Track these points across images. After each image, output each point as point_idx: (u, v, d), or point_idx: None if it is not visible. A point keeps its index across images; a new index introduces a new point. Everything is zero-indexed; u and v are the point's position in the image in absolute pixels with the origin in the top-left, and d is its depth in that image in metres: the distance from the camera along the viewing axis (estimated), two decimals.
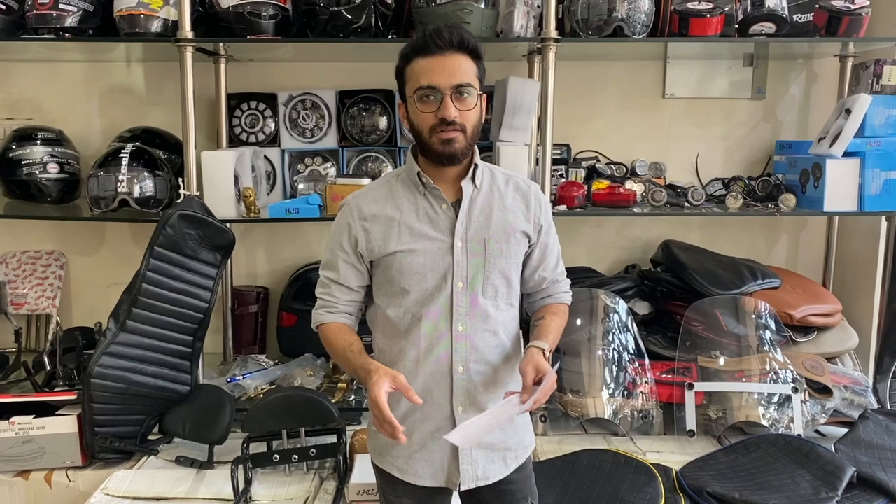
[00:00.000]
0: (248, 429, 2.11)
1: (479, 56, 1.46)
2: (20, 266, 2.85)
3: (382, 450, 1.56)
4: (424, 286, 1.48)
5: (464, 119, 1.43)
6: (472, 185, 1.52)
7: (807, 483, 1.96)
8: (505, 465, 1.55)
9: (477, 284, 1.49)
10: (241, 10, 2.30)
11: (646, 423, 2.34)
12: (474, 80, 1.44)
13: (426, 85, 1.42)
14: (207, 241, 2.26)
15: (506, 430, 1.55)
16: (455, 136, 1.43)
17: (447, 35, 1.41)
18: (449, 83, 1.41)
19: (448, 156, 1.45)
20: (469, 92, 1.43)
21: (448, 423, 1.50)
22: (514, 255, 1.53)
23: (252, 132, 2.79)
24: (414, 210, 1.50)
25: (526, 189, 1.58)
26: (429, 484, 1.52)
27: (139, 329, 2.16)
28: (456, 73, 1.42)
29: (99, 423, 2.11)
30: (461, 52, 1.43)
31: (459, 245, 1.48)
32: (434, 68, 1.42)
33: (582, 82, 2.81)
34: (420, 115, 1.44)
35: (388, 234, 1.49)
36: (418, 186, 1.51)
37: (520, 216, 1.55)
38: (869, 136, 2.48)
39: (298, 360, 2.66)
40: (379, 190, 1.55)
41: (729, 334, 2.41)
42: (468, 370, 1.50)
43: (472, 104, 1.44)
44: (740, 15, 2.43)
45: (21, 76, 2.83)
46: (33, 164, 2.56)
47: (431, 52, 1.42)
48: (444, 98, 1.41)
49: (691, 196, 2.58)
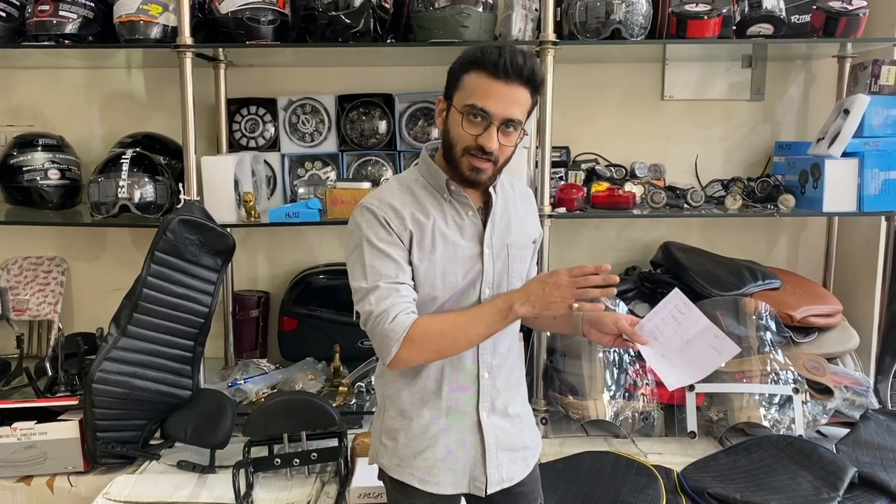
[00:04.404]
0: (250, 433, 2.11)
1: (538, 90, 1.40)
2: (22, 272, 2.85)
3: (402, 461, 1.51)
4: (454, 293, 1.44)
5: (500, 153, 1.40)
6: (493, 192, 1.50)
7: (808, 484, 1.96)
8: (526, 464, 1.56)
9: (502, 290, 1.48)
10: (240, 15, 2.31)
11: (647, 424, 2.34)
12: (524, 117, 1.40)
13: (480, 107, 1.35)
14: (208, 246, 2.27)
15: (524, 430, 1.56)
16: (487, 167, 1.40)
17: (521, 63, 1.34)
18: (502, 115, 1.36)
19: (473, 182, 1.42)
20: (516, 127, 1.39)
21: (474, 429, 1.49)
22: (527, 259, 1.55)
23: (252, 137, 2.80)
24: (442, 217, 1.45)
25: (529, 194, 1.62)
26: (449, 492, 1.50)
27: (140, 334, 2.16)
28: (512, 105, 1.36)
29: (101, 428, 2.11)
30: (526, 85, 1.37)
31: (487, 252, 1.47)
32: (493, 93, 1.35)
33: (581, 85, 2.82)
34: (461, 131, 1.39)
35: (423, 238, 1.42)
36: (443, 193, 1.46)
37: (530, 221, 1.58)
38: (867, 137, 2.48)
39: (299, 365, 2.67)
40: (403, 194, 1.46)
41: (729, 335, 2.39)
42: (493, 375, 1.50)
43: (514, 141, 1.41)
44: (738, 16, 2.44)
45: (22, 83, 2.84)
46: (34, 170, 2.57)
47: (498, 75, 1.35)
48: (491, 127, 1.36)
49: (691, 197, 2.59)
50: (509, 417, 1.54)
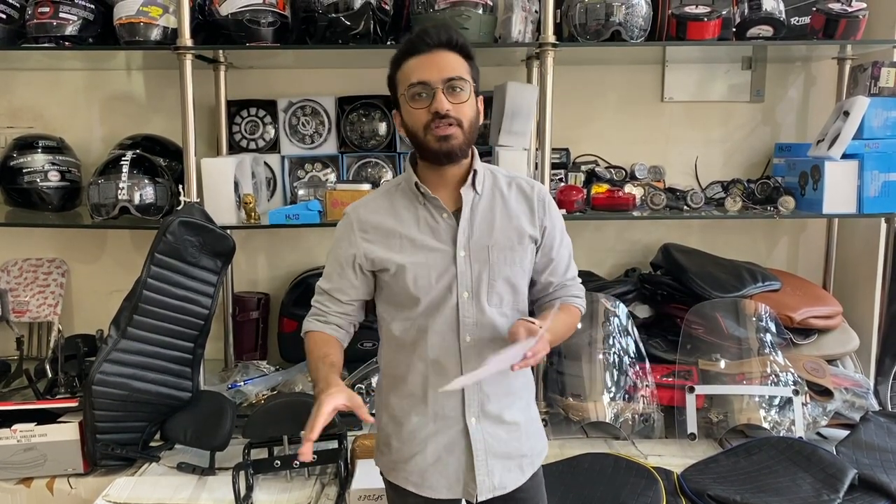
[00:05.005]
0: (250, 435, 2.11)
1: (468, 55, 1.43)
2: (21, 274, 2.85)
3: (396, 465, 1.53)
4: (429, 298, 1.45)
5: (459, 113, 1.40)
6: (472, 191, 1.48)
7: (808, 485, 1.96)
8: (522, 472, 1.53)
9: (482, 293, 1.46)
10: (240, 17, 2.31)
11: (647, 426, 2.34)
12: (466, 76, 1.41)
13: (416, 81, 1.39)
14: (208, 248, 2.27)
15: (521, 437, 1.53)
16: (452, 131, 1.39)
17: (434, 33, 1.40)
18: (440, 77, 1.38)
19: (446, 153, 1.41)
20: (461, 86, 1.40)
21: (462, 436, 1.48)
22: (519, 261, 1.49)
23: (252, 139, 2.80)
24: (414, 221, 1.47)
25: (529, 191, 1.54)
26: (445, 496, 1.49)
27: (140, 336, 2.16)
28: (446, 67, 1.39)
29: (100, 430, 2.11)
30: (450, 49, 1.41)
31: (462, 254, 1.45)
32: (424, 65, 1.39)
33: (580, 86, 2.82)
34: (413, 113, 1.41)
35: (390, 245, 1.46)
36: (418, 196, 1.48)
37: (524, 220, 1.51)
38: (867, 138, 2.48)
39: (299, 366, 2.66)
40: (379, 200, 1.52)
41: (729, 337, 2.41)
42: (479, 380, 1.46)
43: (465, 97, 1.40)
44: (738, 18, 2.44)
45: (22, 85, 2.84)
46: (34, 172, 2.57)
47: (421, 50, 1.40)
48: (437, 92, 1.38)
49: (690, 199, 2.59)
50: (504, 424, 1.51)
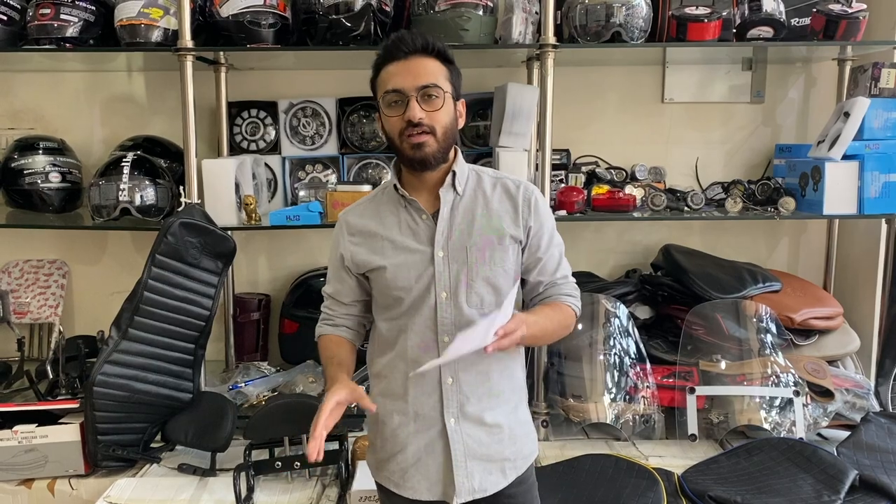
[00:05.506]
0: (250, 436, 2.11)
1: (447, 59, 1.45)
2: (22, 275, 2.86)
3: (379, 465, 1.55)
4: (410, 298, 1.47)
5: (432, 120, 1.41)
6: (452, 192, 1.49)
7: (809, 486, 1.96)
8: (504, 475, 1.51)
9: (461, 294, 1.46)
10: (240, 18, 2.31)
11: (647, 427, 2.34)
12: (442, 82, 1.42)
13: (391, 89, 1.41)
14: (209, 249, 2.27)
15: (503, 441, 1.51)
16: (425, 139, 1.41)
17: (410, 39, 1.41)
18: (413, 84, 1.39)
19: (419, 161, 1.43)
20: (436, 93, 1.41)
21: (441, 436, 1.48)
22: (500, 261, 1.47)
23: (253, 140, 2.80)
24: (396, 223, 1.50)
25: (514, 191, 1.52)
26: (426, 498, 1.49)
27: (141, 337, 2.17)
28: (420, 74, 1.40)
29: (101, 432, 2.11)
30: (426, 55, 1.42)
31: (441, 255, 1.46)
32: (399, 72, 1.41)
33: (581, 87, 2.82)
34: (389, 120, 1.43)
35: (373, 248, 1.50)
36: (399, 199, 1.51)
37: (506, 220, 1.49)
38: (868, 139, 2.49)
39: (300, 367, 2.66)
40: (366, 205, 1.57)
41: (730, 338, 2.41)
42: (458, 381, 1.47)
43: (439, 105, 1.41)
44: (738, 19, 2.44)
45: (23, 86, 2.85)
46: (35, 173, 2.57)
47: (397, 57, 1.41)
48: (410, 100, 1.39)
49: (691, 200, 2.59)
50: (485, 427, 1.49)
